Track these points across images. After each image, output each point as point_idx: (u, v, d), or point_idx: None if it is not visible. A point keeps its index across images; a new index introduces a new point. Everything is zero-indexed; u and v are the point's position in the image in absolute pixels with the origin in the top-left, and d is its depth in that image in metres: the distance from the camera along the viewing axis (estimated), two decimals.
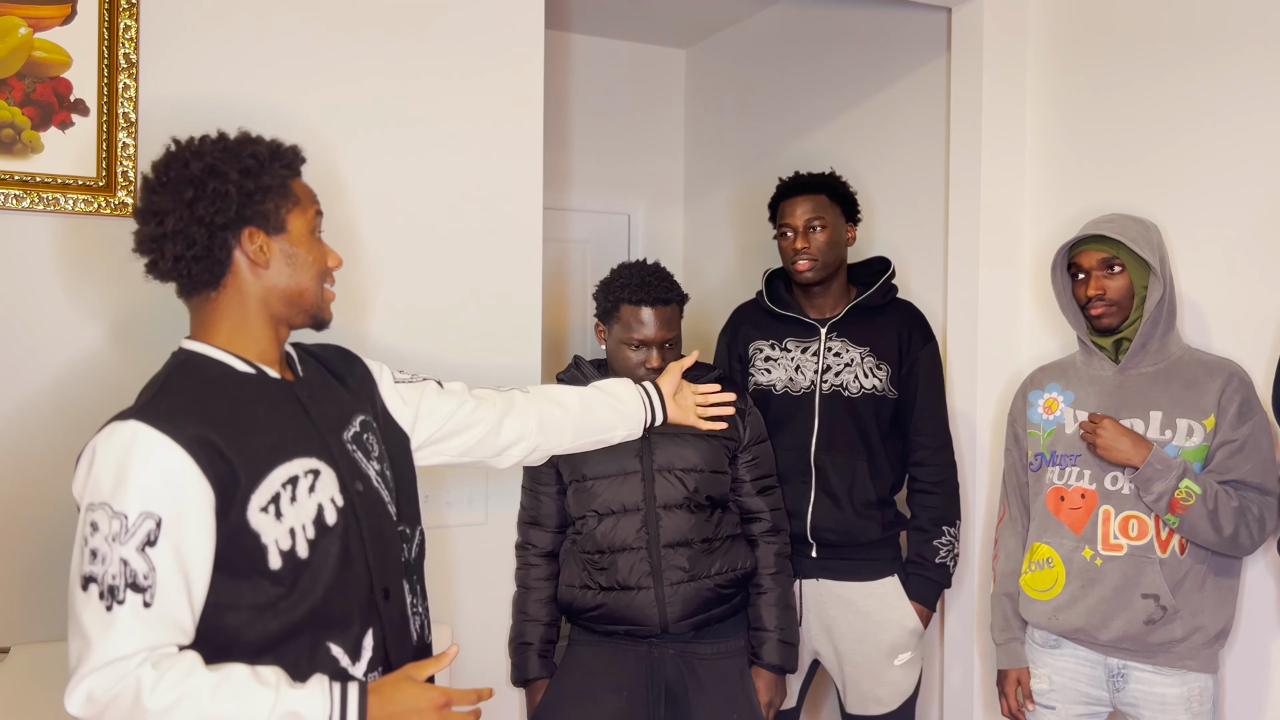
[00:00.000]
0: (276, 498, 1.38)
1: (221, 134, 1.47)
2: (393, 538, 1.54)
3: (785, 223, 2.56)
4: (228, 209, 1.40)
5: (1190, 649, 2.09)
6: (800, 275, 2.54)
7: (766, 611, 2.33)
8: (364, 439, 1.55)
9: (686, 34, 4.21)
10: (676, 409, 2.01)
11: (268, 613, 1.37)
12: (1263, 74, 2.26)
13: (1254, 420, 2.08)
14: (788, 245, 2.55)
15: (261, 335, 1.47)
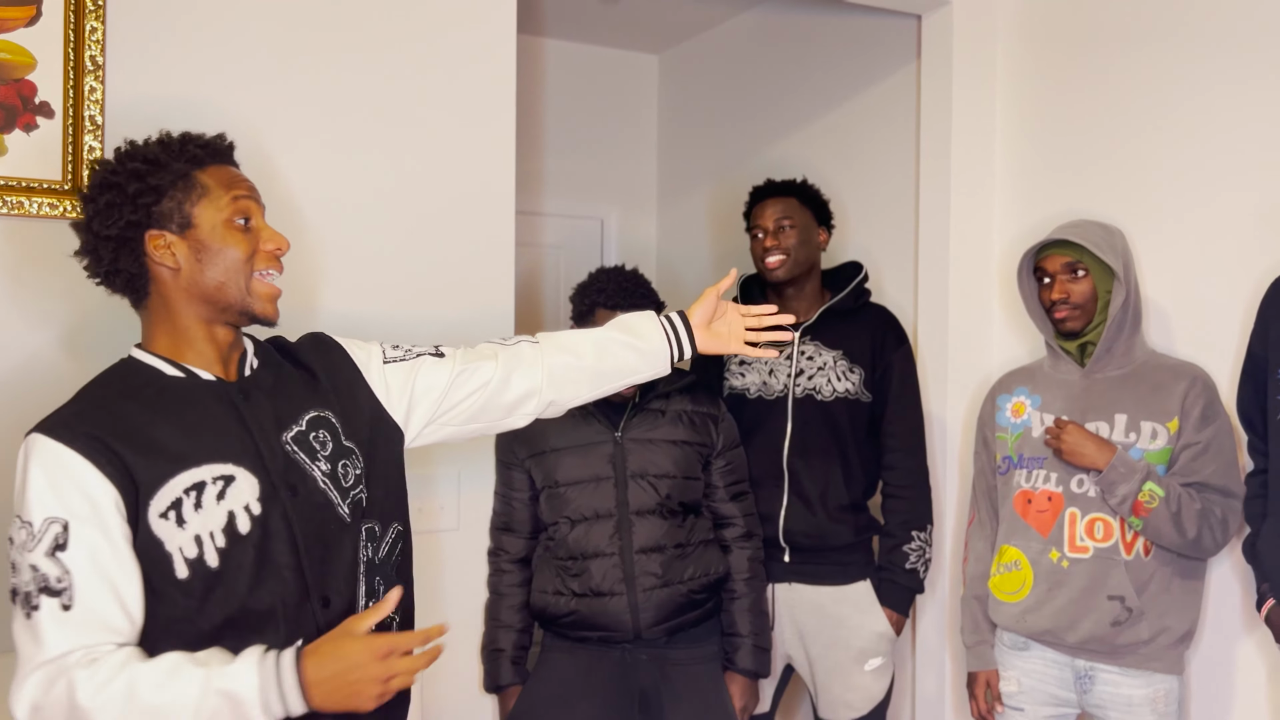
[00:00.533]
0: (178, 504, 1.34)
1: (130, 141, 1.44)
2: (340, 541, 1.47)
3: (756, 224, 2.59)
4: (118, 220, 1.37)
5: (1156, 650, 2.12)
6: (771, 273, 2.55)
7: (740, 617, 2.34)
8: (310, 438, 1.48)
9: (659, 39, 4.22)
10: (711, 338, 1.75)
11: (181, 624, 1.35)
12: (1225, 83, 2.29)
13: (1217, 423, 2.12)
14: (758, 245, 2.57)
15: (197, 338, 1.44)
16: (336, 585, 1.46)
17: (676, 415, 2.32)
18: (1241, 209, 2.26)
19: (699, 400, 2.37)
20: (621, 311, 2.20)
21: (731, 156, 3.91)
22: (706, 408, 2.37)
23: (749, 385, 2.61)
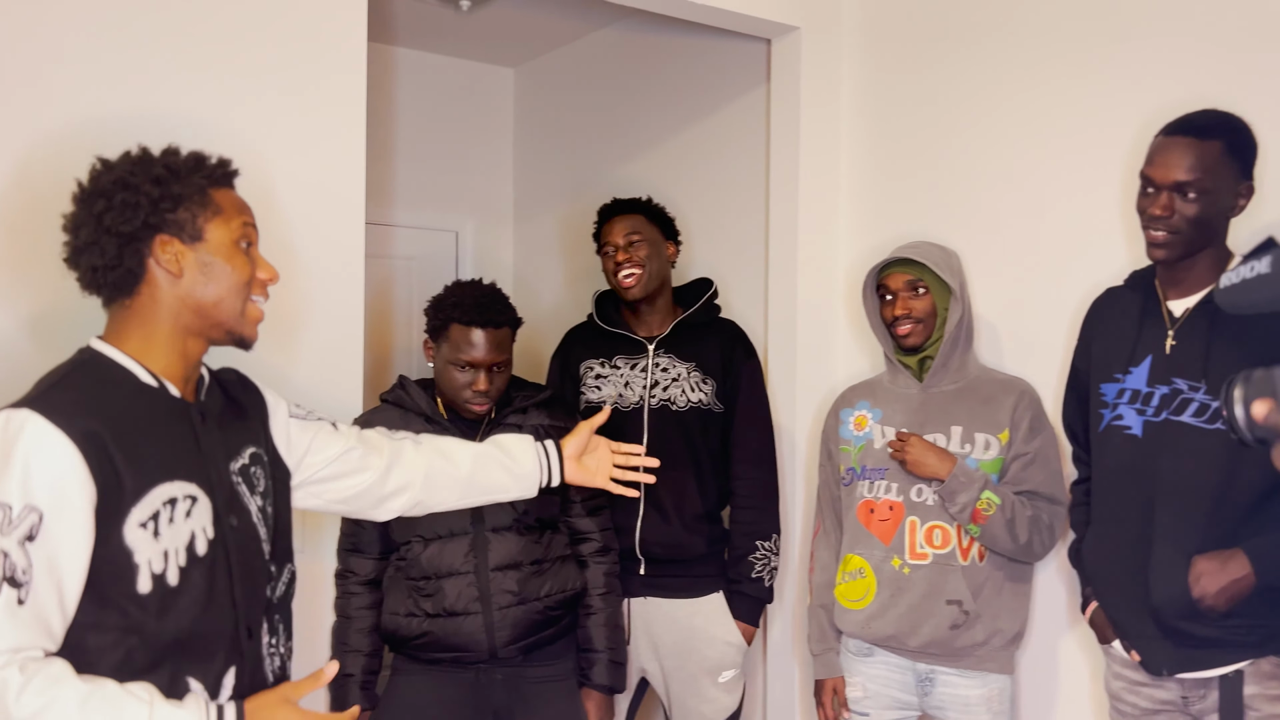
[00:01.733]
0: (156, 515, 1.35)
1: (144, 149, 1.45)
2: (262, 576, 1.51)
3: (607, 241, 2.62)
4: (135, 218, 1.38)
5: (990, 651, 2.22)
6: (628, 291, 2.59)
7: (596, 632, 2.33)
8: (251, 472, 1.52)
9: (515, 53, 4.21)
10: (579, 470, 1.92)
11: (131, 638, 1.32)
12: (1049, 115, 2.44)
13: (1044, 435, 2.24)
14: (610, 262, 2.60)
15: (170, 348, 1.44)
16: (257, 619, 1.49)
17: (533, 430, 2.30)
18: (1064, 232, 2.41)
19: (556, 415, 2.36)
20: (478, 328, 2.18)
21: (587, 173, 3.92)
22: (563, 422, 2.36)
23: (605, 398, 2.62)
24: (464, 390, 2.20)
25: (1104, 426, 1.98)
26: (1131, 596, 1.90)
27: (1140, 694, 1.94)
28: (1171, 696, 1.90)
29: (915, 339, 2.30)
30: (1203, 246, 1.85)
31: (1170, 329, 1.90)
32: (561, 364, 2.75)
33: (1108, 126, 2.31)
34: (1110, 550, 1.96)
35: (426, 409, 2.26)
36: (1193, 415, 1.84)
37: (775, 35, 2.95)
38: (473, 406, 2.21)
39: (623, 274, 2.59)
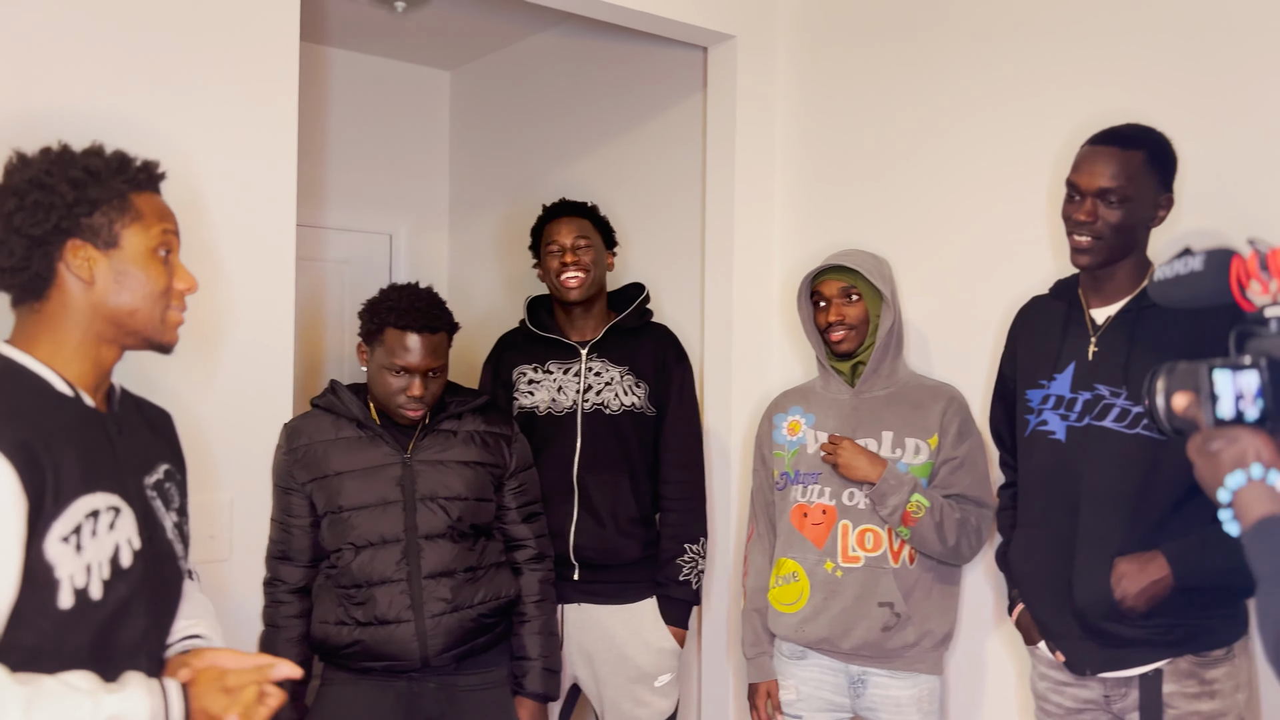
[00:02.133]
0: (79, 529, 1.29)
1: (65, 146, 1.39)
2: (176, 593, 1.47)
3: (554, 240, 2.61)
4: (47, 220, 1.34)
5: (920, 653, 2.26)
6: (570, 292, 2.59)
7: (530, 640, 2.32)
8: (166, 488, 1.48)
9: (452, 56, 4.17)
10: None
11: (44, 656, 1.27)
12: (981, 126, 2.49)
13: (971, 440, 2.29)
14: (555, 261, 2.60)
15: (82, 355, 1.39)
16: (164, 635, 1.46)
17: (469, 436, 2.29)
18: (992, 241, 2.46)
19: (492, 420, 2.35)
20: (414, 332, 2.14)
21: (524, 177, 3.91)
22: (499, 428, 2.35)
23: (538, 402, 2.62)
24: (398, 395, 2.17)
25: (1029, 432, 2.02)
26: (1056, 598, 1.94)
27: (1064, 694, 1.99)
28: (1094, 696, 1.94)
29: (848, 345, 2.33)
30: (1124, 254, 1.90)
31: (1093, 336, 1.95)
32: (494, 370, 2.74)
33: (1035, 138, 2.36)
34: (1036, 553, 2.00)
35: (358, 414, 2.23)
36: (1114, 420, 1.89)
37: (711, 43, 2.97)
38: (407, 412, 2.19)
39: (567, 275, 2.59)
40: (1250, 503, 1.00)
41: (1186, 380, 1.05)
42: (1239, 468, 1.02)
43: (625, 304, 2.72)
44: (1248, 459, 1.01)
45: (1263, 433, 1.02)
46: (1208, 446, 1.05)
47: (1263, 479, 1.01)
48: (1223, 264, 1.07)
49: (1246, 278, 1.05)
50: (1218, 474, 1.04)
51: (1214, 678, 1.83)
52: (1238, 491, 1.02)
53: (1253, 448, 1.02)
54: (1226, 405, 1.02)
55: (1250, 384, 1.01)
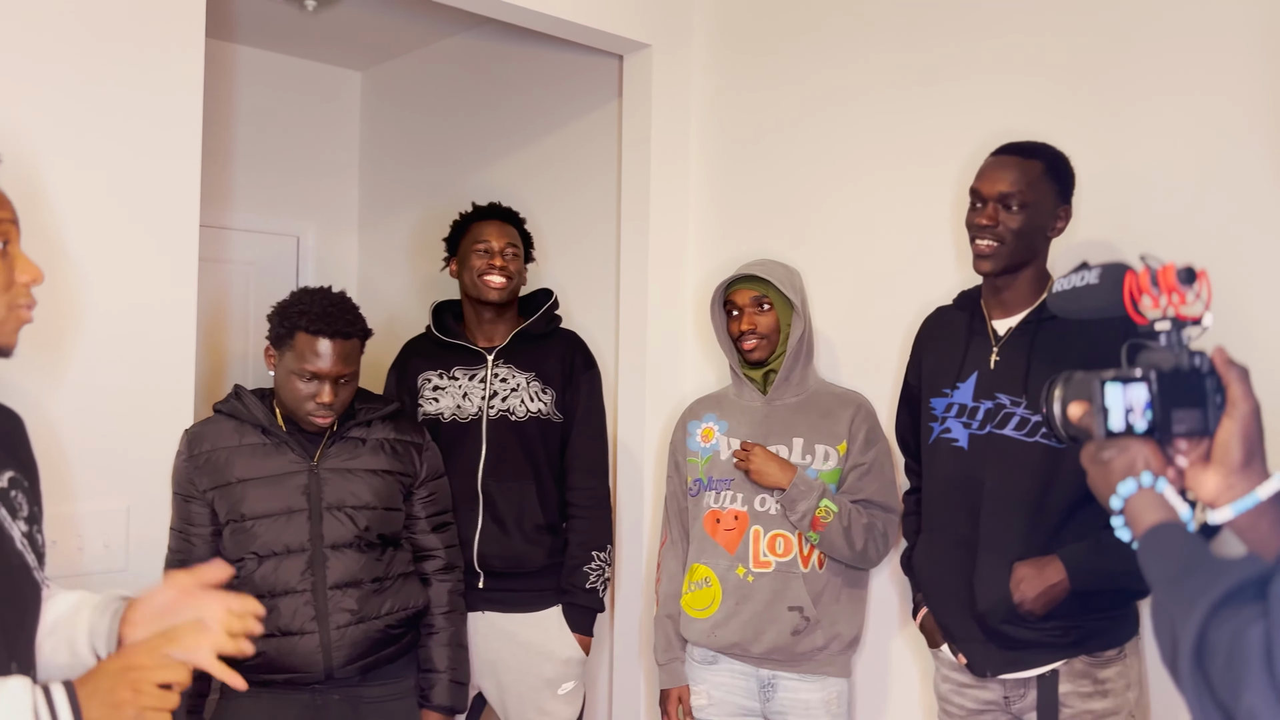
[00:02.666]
0: None
1: None
2: (33, 606, 1.37)
3: (484, 241, 2.59)
4: None
5: (829, 656, 2.29)
6: (492, 292, 2.57)
7: (438, 652, 2.28)
8: (11, 496, 1.37)
9: (363, 56, 4.11)
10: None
11: None
12: (889, 141, 2.55)
13: (878, 446, 2.34)
14: (482, 262, 2.57)
15: None
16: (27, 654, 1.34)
17: (378, 443, 2.25)
18: (899, 253, 2.52)
19: (402, 428, 2.31)
20: (325, 338, 2.10)
21: (436, 180, 3.86)
22: (410, 436, 2.31)
23: (443, 409, 2.59)
24: (307, 402, 2.12)
25: (933, 439, 2.07)
26: (958, 602, 1.99)
27: (966, 695, 2.04)
28: (994, 697, 1.99)
29: (760, 354, 2.36)
30: (1024, 263, 1.96)
31: (994, 347, 2.01)
32: (398, 376, 2.70)
33: (941, 153, 2.43)
34: (939, 557, 2.05)
35: (264, 420, 2.18)
36: (1014, 429, 1.95)
37: (627, 52, 2.98)
38: (315, 419, 2.14)
39: (493, 277, 2.57)
40: (1141, 509, 1.03)
41: (1081, 390, 1.08)
42: (1130, 476, 1.05)
43: (533, 310, 2.71)
44: (1138, 467, 1.05)
45: (1152, 442, 1.06)
46: (1100, 455, 1.08)
47: (1152, 486, 1.04)
48: (1117, 278, 1.10)
49: (1139, 292, 1.08)
50: (1110, 482, 1.07)
51: (1106, 677, 1.90)
52: (1129, 499, 1.04)
53: (1142, 456, 1.05)
54: (1117, 418, 1.05)
55: (1140, 397, 1.05)
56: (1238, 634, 0.78)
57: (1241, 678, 0.75)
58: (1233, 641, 0.78)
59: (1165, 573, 0.93)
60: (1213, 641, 0.80)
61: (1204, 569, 0.88)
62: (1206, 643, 0.81)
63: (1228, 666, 0.78)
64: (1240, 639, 0.77)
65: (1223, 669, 0.78)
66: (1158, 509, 1.02)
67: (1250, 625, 0.77)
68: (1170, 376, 1.05)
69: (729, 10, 2.92)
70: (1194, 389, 1.05)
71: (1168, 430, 1.05)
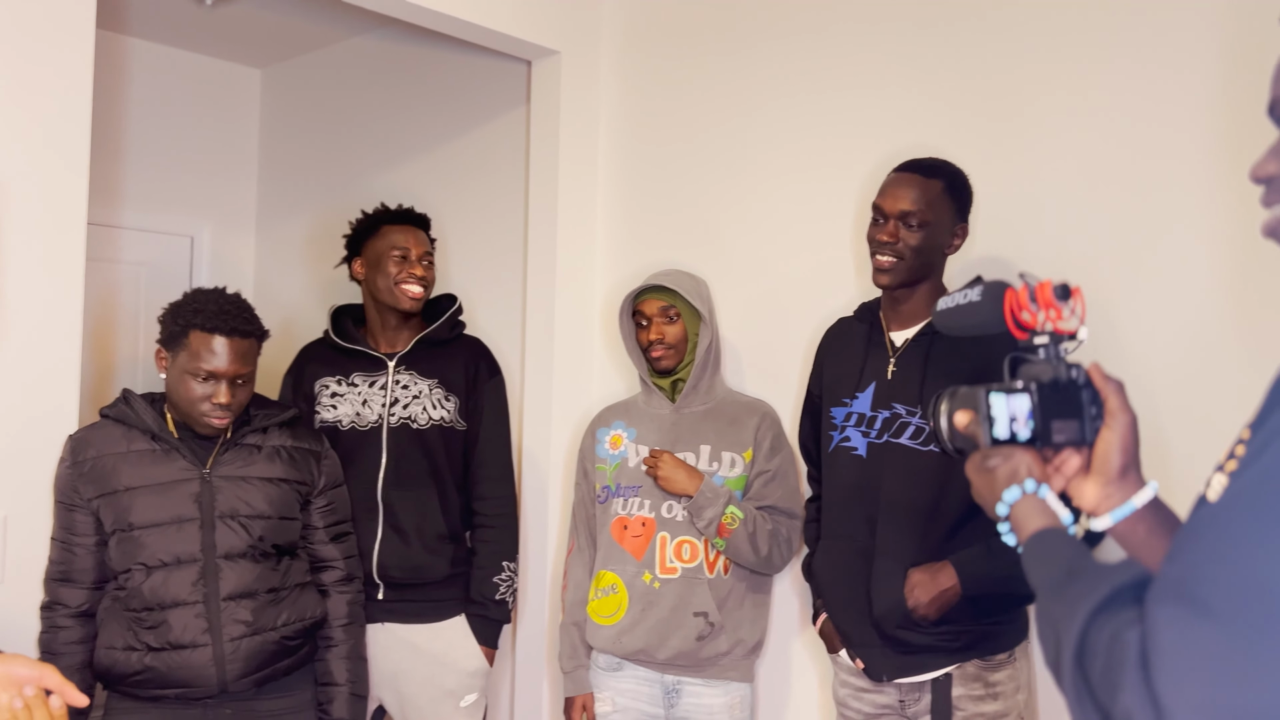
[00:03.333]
0: None
1: None
2: None
3: (400, 247, 2.54)
4: None
5: (733, 661, 2.32)
6: (410, 302, 2.54)
7: (336, 665, 2.23)
8: None
9: (263, 54, 4.01)
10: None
11: None
12: (794, 154, 2.59)
13: (783, 454, 2.37)
14: (400, 270, 2.53)
15: None
16: None
17: (274, 451, 2.19)
18: (802, 263, 2.56)
19: (300, 435, 2.26)
20: (221, 336, 2.04)
21: (338, 181, 3.79)
22: (308, 443, 2.26)
23: (341, 416, 2.54)
24: (202, 403, 2.05)
25: (833, 447, 2.11)
26: (856, 607, 2.03)
27: (863, 699, 2.08)
28: (890, 701, 2.04)
29: (668, 362, 2.37)
30: (921, 278, 2.02)
31: (892, 358, 2.06)
32: (294, 382, 2.63)
33: (845, 166, 2.48)
34: (838, 563, 2.09)
35: (153, 426, 2.10)
36: (909, 438, 2.00)
37: (535, 58, 2.97)
38: (211, 420, 2.07)
39: (412, 286, 2.52)
40: (1025, 516, 1.06)
41: (967, 402, 1.12)
42: (1014, 483, 1.08)
43: (436, 315, 2.67)
44: (1021, 474, 1.08)
45: (1033, 450, 1.10)
46: (985, 464, 1.11)
47: (1035, 493, 1.07)
48: (997, 296, 1.14)
49: (1018, 309, 1.12)
50: (995, 490, 1.09)
51: (997, 680, 1.96)
52: (1013, 505, 1.07)
53: (1025, 464, 1.08)
54: (1002, 426, 1.08)
55: (1022, 407, 1.08)
56: (1116, 637, 0.80)
57: (1118, 679, 0.77)
58: (1111, 644, 0.80)
59: (1048, 577, 0.95)
60: (1093, 644, 0.82)
61: (1086, 574, 0.91)
62: (1087, 645, 0.83)
63: (1106, 668, 0.79)
64: (1118, 642, 0.79)
65: (1101, 671, 0.80)
66: (1040, 515, 1.05)
67: (1128, 628, 0.79)
68: (1049, 388, 1.09)
69: (638, 19, 2.94)
70: (1072, 400, 1.09)
71: (1048, 440, 1.08)
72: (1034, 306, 1.11)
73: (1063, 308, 1.10)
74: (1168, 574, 0.79)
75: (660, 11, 2.88)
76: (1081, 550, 0.97)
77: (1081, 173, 2.12)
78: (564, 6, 2.90)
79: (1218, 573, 0.74)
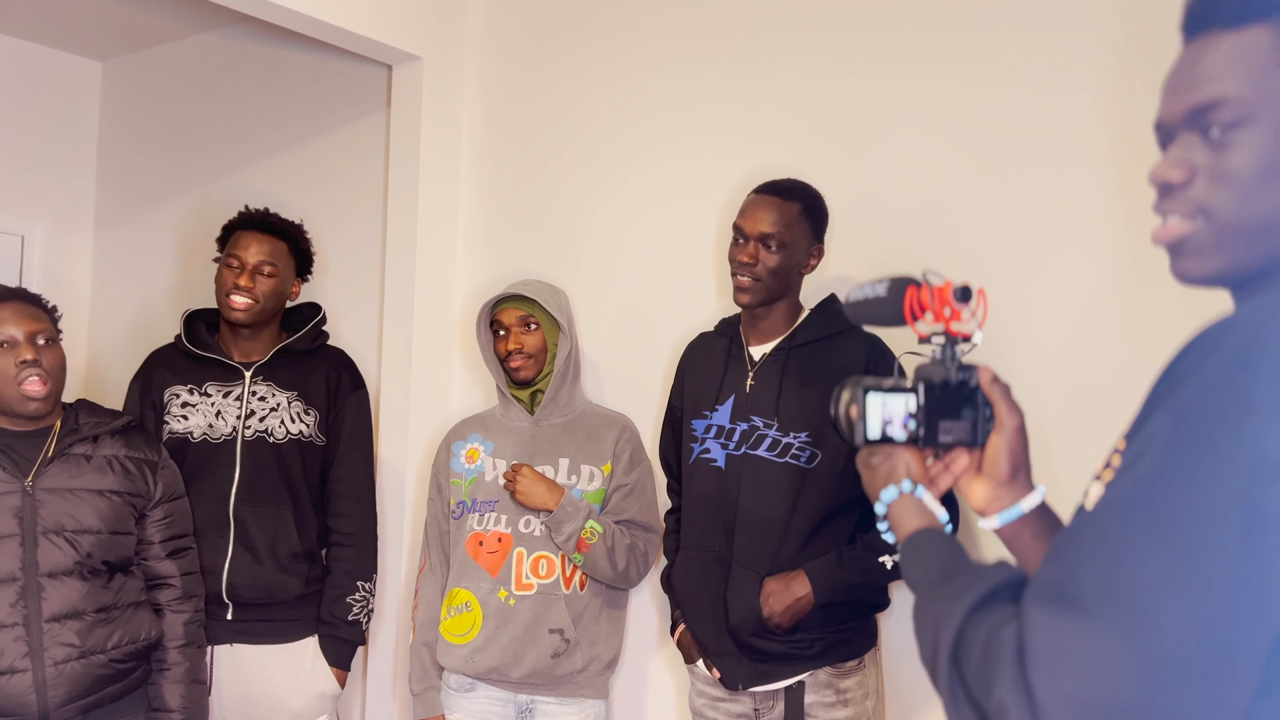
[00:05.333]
0: None
1: None
2: None
3: (235, 254, 2.42)
4: None
5: (588, 678, 2.30)
6: (233, 313, 2.40)
7: (170, 690, 2.11)
8: None
9: (104, 45, 3.80)
10: None
11: None
12: (658, 169, 2.61)
13: (641, 467, 2.38)
14: (229, 279, 2.41)
15: None
16: None
17: (106, 461, 2.07)
18: (663, 276, 2.58)
19: (134, 444, 2.13)
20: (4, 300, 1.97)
21: (187, 181, 3.62)
22: (144, 453, 2.14)
23: (193, 428, 2.41)
24: (13, 378, 1.97)
25: (694, 459, 2.13)
26: (714, 617, 2.05)
27: (719, 709, 2.09)
28: (745, 710, 2.06)
29: (527, 373, 2.34)
30: (779, 296, 2.07)
31: (750, 371, 2.10)
32: (142, 389, 2.49)
33: (706, 184, 2.51)
34: (696, 573, 2.11)
35: None
36: (766, 449, 2.04)
37: (396, 62, 2.91)
38: (28, 390, 1.97)
39: (236, 297, 2.39)
40: (902, 515, 1.07)
41: (856, 394, 1.12)
42: (891, 482, 1.09)
43: (298, 324, 2.57)
44: (899, 474, 1.09)
45: (915, 450, 1.11)
46: (870, 461, 1.12)
47: (912, 493, 1.08)
48: (899, 292, 1.14)
49: (919, 307, 1.12)
50: (874, 488, 1.11)
51: (847, 686, 2.00)
52: (891, 504, 1.09)
53: (904, 464, 1.09)
54: (874, 426, 1.08)
55: (899, 408, 1.09)
56: (992, 633, 0.82)
57: (993, 675, 0.79)
58: (988, 640, 0.82)
59: (925, 577, 0.97)
60: (969, 640, 0.84)
61: (963, 572, 0.93)
62: (963, 642, 0.85)
63: (981, 665, 0.81)
64: (994, 638, 0.81)
65: (977, 666, 0.82)
66: (917, 515, 1.06)
67: (1004, 625, 0.81)
68: (940, 389, 1.10)
69: (502, 25, 2.91)
70: (962, 402, 1.10)
71: (933, 440, 1.10)
72: (934, 305, 1.11)
73: (961, 309, 1.10)
74: (1044, 575, 0.81)
75: (525, 19, 2.87)
76: (958, 550, 0.99)
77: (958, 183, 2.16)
78: (426, 11, 2.85)
79: (1092, 575, 0.77)
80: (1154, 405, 0.83)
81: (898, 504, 1.08)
